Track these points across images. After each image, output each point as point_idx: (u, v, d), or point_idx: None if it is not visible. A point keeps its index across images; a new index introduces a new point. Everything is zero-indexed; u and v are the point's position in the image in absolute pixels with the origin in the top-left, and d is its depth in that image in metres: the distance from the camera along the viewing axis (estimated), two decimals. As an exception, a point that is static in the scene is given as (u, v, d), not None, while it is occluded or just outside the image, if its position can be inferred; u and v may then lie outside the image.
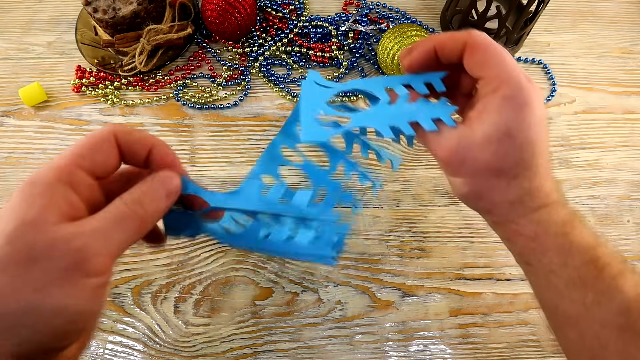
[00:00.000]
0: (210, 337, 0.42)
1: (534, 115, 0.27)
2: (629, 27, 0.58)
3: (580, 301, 0.27)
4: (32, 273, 0.20)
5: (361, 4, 0.58)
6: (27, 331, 0.20)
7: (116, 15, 0.49)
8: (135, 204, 0.23)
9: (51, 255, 0.20)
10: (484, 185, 0.29)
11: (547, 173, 0.29)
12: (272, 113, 0.52)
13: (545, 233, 0.28)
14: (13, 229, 0.20)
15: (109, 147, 0.25)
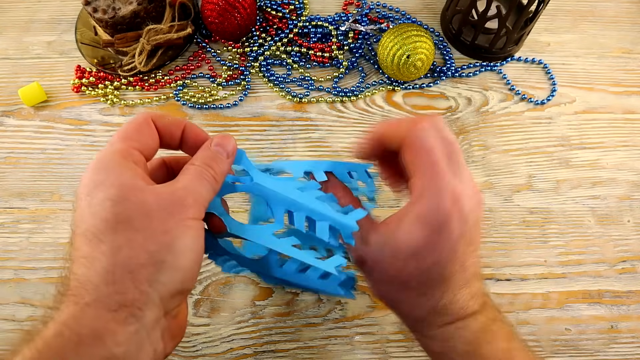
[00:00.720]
0: (210, 337, 0.42)
1: (449, 239, 0.25)
2: (629, 27, 0.58)
3: None
4: (154, 221, 0.23)
5: (361, 3, 0.58)
6: (168, 269, 0.23)
7: (116, 15, 0.49)
8: (205, 165, 0.27)
9: (163, 206, 0.23)
10: (392, 296, 0.29)
11: (465, 283, 0.27)
12: (272, 113, 0.52)
13: (452, 351, 0.27)
14: (119, 192, 0.23)
15: (150, 129, 0.27)
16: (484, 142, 0.51)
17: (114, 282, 0.22)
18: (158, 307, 0.23)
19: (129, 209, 0.23)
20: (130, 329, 0.22)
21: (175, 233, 0.23)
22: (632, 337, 0.43)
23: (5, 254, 0.45)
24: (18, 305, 0.43)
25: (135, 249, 0.23)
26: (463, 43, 0.55)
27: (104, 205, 0.23)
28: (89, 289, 0.22)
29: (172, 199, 0.24)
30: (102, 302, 0.22)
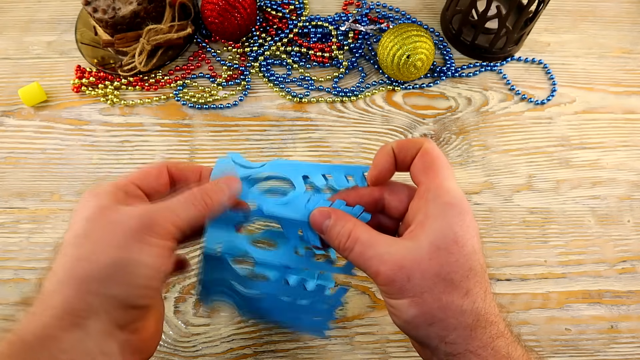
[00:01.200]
0: (210, 338, 0.42)
1: (474, 227, 0.26)
2: (629, 27, 0.58)
3: None
4: (115, 236, 0.24)
5: (361, 3, 0.58)
6: (117, 284, 0.24)
7: (116, 15, 0.49)
8: (203, 192, 0.28)
9: (127, 222, 0.25)
10: (435, 304, 0.25)
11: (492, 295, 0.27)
12: (272, 113, 0.52)
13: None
14: (92, 212, 0.25)
15: (159, 174, 0.30)
16: (484, 142, 0.51)
17: (61, 292, 0.24)
18: (105, 317, 0.24)
19: (95, 225, 0.25)
20: (73, 337, 0.23)
21: (131, 249, 0.24)
22: (632, 337, 0.43)
23: (6, 254, 0.45)
24: (18, 305, 0.43)
25: (89, 260, 0.24)
26: (463, 43, 0.55)
27: (79, 224, 0.25)
28: (42, 301, 0.24)
29: (140, 217, 0.25)
30: (50, 311, 0.24)
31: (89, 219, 0.25)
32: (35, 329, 0.23)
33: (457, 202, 0.26)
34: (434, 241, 0.25)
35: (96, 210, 0.26)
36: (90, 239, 0.25)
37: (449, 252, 0.25)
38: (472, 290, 0.25)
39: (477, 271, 0.25)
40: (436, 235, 0.25)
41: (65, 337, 0.23)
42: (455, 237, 0.25)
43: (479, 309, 0.25)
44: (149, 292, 0.26)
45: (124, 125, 0.51)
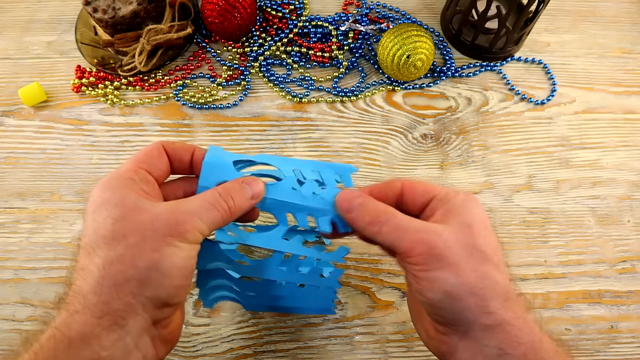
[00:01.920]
0: (210, 337, 0.42)
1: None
2: (629, 27, 0.58)
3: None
4: (147, 240, 0.25)
5: (361, 3, 0.58)
6: (153, 285, 0.25)
7: (116, 15, 0.49)
8: (226, 195, 0.29)
9: (158, 227, 0.26)
10: (474, 273, 0.26)
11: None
12: (272, 113, 0.52)
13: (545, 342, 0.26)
14: (120, 212, 0.26)
15: (160, 154, 0.30)
16: (484, 142, 0.51)
17: (101, 293, 0.25)
18: (142, 317, 0.26)
19: (125, 227, 0.26)
20: (114, 335, 0.25)
21: (164, 252, 0.25)
22: (632, 337, 0.43)
23: (5, 254, 0.45)
24: (18, 305, 0.43)
25: (125, 264, 0.25)
26: (463, 43, 0.55)
27: (106, 223, 0.26)
28: (79, 298, 0.25)
29: (168, 221, 0.26)
30: (89, 310, 0.24)
31: (118, 220, 0.26)
32: (77, 327, 0.24)
33: (473, 197, 0.29)
34: (464, 222, 0.27)
35: (123, 210, 0.26)
36: (123, 242, 0.25)
37: (479, 230, 0.27)
38: (502, 265, 0.27)
39: (501, 252, 0.28)
40: (464, 219, 0.28)
41: (106, 336, 0.24)
42: (481, 220, 0.28)
43: (509, 284, 0.27)
44: (181, 291, 0.27)
45: (124, 125, 0.51)
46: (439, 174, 0.49)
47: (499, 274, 0.27)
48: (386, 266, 0.45)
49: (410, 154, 0.50)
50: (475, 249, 0.27)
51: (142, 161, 0.29)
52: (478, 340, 0.26)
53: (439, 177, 0.49)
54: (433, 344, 0.30)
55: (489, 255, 0.27)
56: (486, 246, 0.27)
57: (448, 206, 0.29)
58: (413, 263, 0.27)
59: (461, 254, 0.26)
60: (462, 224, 0.28)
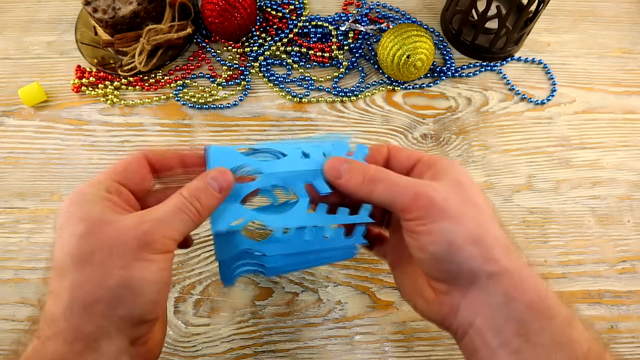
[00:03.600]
0: (210, 338, 0.42)
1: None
2: (629, 27, 0.58)
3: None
4: (114, 256, 0.24)
5: (361, 3, 0.58)
6: (125, 304, 0.24)
7: (116, 15, 0.49)
8: (192, 198, 0.27)
9: (125, 240, 0.24)
10: (474, 223, 0.26)
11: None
12: (272, 113, 0.52)
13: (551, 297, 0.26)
14: (85, 228, 0.24)
15: (139, 165, 0.29)
16: (484, 142, 0.51)
17: (71, 317, 0.23)
18: (117, 338, 0.24)
19: (91, 244, 0.24)
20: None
21: (133, 268, 0.24)
22: (632, 337, 0.43)
23: (5, 254, 0.45)
24: (18, 305, 0.43)
25: (93, 284, 0.24)
26: (463, 43, 0.55)
27: (71, 241, 0.24)
28: (50, 324, 0.24)
29: (136, 233, 0.25)
30: (61, 336, 0.23)
31: (83, 236, 0.24)
32: (49, 355, 0.23)
33: (457, 162, 0.30)
34: (454, 179, 0.28)
35: (88, 225, 0.24)
36: (90, 262, 0.24)
37: (470, 186, 0.28)
38: (496, 219, 0.27)
39: (494, 209, 0.28)
40: (454, 176, 0.28)
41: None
42: (469, 179, 0.28)
43: (508, 237, 0.27)
44: (157, 306, 0.26)
45: (124, 125, 0.51)
46: (439, 174, 0.49)
47: (497, 226, 0.27)
48: (386, 266, 0.45)
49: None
50: (471, 202, 0.27)
51: (117, 172, 0.28)
52: (483, 290, 0.26)
53: (439, 177, 0.49)
54: (433, 309, 0.29)
55: (482, 207, 0.27)
56: (478, 198, 0.28)
57: (436, 168, 0.29)
58: (412, 219, 0.27)
59: (460, 205, 0.27)
60: (453, 181, 0.28)
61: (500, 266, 0.26)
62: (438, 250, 0.26)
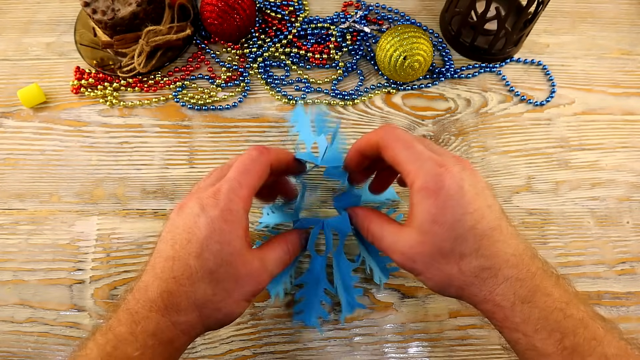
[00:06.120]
0: (209, 339, 0.42)
1: (452, 196, 0.28)
2: (628, 28, 0.58)
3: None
4: (236, 292, 0.30)
5: (360, 5, 0.58)
6: (213, 320, 0.30)
7: (115, 17, 0.49)
8: (292, 252, 0.35)
9: (247, 283, 0.30)
10: (441, 274, 0.29)
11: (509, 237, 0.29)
12: (271, 114, 0.52)
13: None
14: (227, 254, 0.29)
15: (266, 173, 0.32)
16: (483, 144, 0.51)
17: (171, 304, 0.29)
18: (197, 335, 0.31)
19: (228, 272, 0.29)
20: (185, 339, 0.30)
21: (241, 307, 0.31)
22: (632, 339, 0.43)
23: (4, 255, 0.45)
24: (17, 307, 0.43)
25: (213, 309, 0.30)
26: (462, 44, 0.55)
27: (211, 260, 0.29)
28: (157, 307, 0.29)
29: (256, 282, 0.31)
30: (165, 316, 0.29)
31: (222, 264, 0.29)
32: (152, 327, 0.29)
33: (426, 183, 0.28)
34: (419, 227, 0.29)
35: (230, 252, 0.29)
36: (220, 285, 0.29)
37: (432, 232, 0.29)
38: (465, 253, 0.28)
39: (466, 235, 0.28)
40: (419, 222, 0.29)
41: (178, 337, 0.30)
42: (433, 218, 0.28)
43: (478, 264, 0.28)
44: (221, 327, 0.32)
45: (123, 127, 0.51)
46: (438, 175, 0.49)
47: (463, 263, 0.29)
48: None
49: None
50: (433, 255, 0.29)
51: (256, 187, 0.31)
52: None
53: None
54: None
55: (446, 252, 0.29)
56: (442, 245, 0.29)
57: (411, 199, 0.30)
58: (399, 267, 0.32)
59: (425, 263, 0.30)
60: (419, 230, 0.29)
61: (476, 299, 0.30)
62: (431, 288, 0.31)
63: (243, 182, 0.30)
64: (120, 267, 0.44)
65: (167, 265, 0.29)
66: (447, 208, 0.28)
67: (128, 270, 0.44)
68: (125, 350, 0.27)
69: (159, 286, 0.29)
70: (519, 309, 0.28)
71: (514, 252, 0.28)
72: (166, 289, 0.28)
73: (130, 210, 0.47)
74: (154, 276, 0.29)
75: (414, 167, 0.29)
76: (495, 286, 0.28)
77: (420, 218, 0.29)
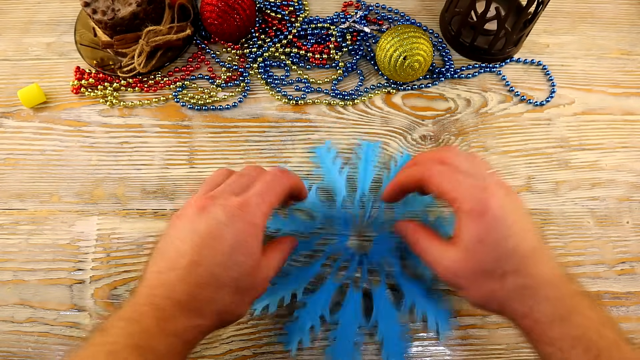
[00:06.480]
0: (209, 339, 0.42)
1: (496, 219, 0.31)
2: (628, 28, 0.58)
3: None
4: (249, 297, 0.33)
5: (360, 5, 0.58)
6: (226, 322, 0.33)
7: (115, 17, 0.49)
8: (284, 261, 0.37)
9: (258, 289, 0.34)
10: (481, 292, 0.32)
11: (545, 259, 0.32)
12: (271, 114, 0.52)
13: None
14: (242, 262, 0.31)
15: (286, 194, 0.35)
16: (483, 144, 0.51)
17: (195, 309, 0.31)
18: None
19: (247, 282, 0.32)
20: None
21: (245, 307, 0.33)
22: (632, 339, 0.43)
23: (4, 255, 0.45)
24: (17, 307, 0.43)
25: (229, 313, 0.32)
26: (462, 44, 0.55)
27: (238, 271, 0.31)
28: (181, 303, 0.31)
29: (263, 287, 0.34)
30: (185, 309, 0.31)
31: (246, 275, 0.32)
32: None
33: (472, 207, 0.31)
34: (466, 246, 0.32)
35: (253, 264, 0.32)
36: (239, 292, 0.32)
37: (477, 251, 0.31)
38: (508, 271, 0.31)
39: (509, 255, 0.31)
40: (466, 241, 0.32)
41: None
42: (478, 238, 0.31)
43: (520, 283, 0.31)
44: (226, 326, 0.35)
45: (123, 127, 0.51)
46: (438, 175, 0.49)
47: (505, 282, 0.32)
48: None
49: (409, 155, 0.50)
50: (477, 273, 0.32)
51: (275, 206, 0.34)
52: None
53: (438, 179, 0.49)
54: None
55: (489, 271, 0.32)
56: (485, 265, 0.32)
57: (458, 222, 0.32)
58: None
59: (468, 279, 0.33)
60: (466, 249, 0.32)
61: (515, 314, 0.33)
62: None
63: (267, 199, 0.33)
64: (121, 267, 0.44)
65: (193, 270, 0.30)
66: (492, 229, 0.31)
67: (128, 270, 0.44)
68: (152, 344, 0.29)
69: (184, 290, 0.30)
70: (557, 326, 0.30)
71: (553, 273, 0.31)
72: (192, 294, 0.30)
73: (131, 210, 0.47)
74: (177, 278, 0.30)
75: (459, 195, 0.32)
76: (536, 304, 0.31)
77: (467, 238, 0.31)
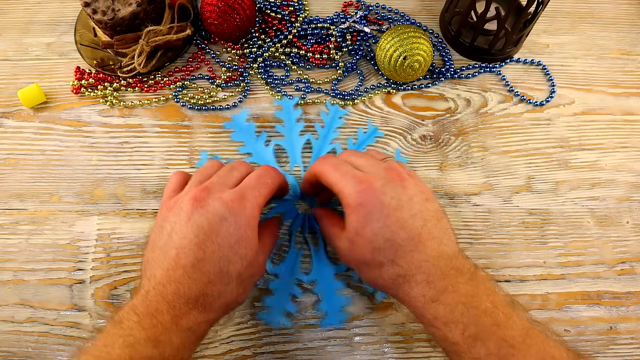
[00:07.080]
0: (209, 339, 0.42)
1: (370, 212, 0.32)
2: (628, 28, 0.58)
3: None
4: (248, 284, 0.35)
5: (360, 5, 0.58)
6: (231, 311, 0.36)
7: (115, 17, 0.49)
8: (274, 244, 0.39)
9: (257, 276, 0.36)
10: (368, 276, 0.35)
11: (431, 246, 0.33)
12: (271, 114, 0.52)
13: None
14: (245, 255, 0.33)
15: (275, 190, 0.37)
16: (483, 144, 0.51)
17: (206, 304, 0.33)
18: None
19: (247, 273, 0.34)
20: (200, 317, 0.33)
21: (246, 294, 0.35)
22: (631, 339, 0.43)
23: (5, 255, 0.45)
24: (17, 307, 0.43)
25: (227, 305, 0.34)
26: (462, 44, 0.55)
27: (241, 263, 0.33)
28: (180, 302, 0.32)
29: (261, 273, 0.36)
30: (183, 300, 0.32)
31: (247, 266, 0.33)
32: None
33: (348, 201, 0.33)
34: (348, 237, 0.34)
35: (251, 254, 0.33)
36: (243, 283, 0.34)
37: (356, 242, 0.33)
38: (384, 262, 0.33)
39: (383, 247, 0.33)
40: (348, 232, 0.34)
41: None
42: (355, 231, 0.33)
43: (395, 272, 0.33)
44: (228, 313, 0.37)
45: (123, 127, 0.51)
46: (438, 175, 0.49)
47: (383, 270, 0.34)
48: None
49: (409, 155, 0.50)
50: (359, 261, 0.35)
51: (267, 200, 0.35)
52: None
53: (438, 179, 0.49)
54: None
55: (368, 262, 0.34)
56: (363, 256, 0.34)
57: (344, 211, 0.34)
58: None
59: (356, 266, 0.36)
60: (348, 240, 0.34)
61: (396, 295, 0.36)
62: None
63: (262, 191, 0.34)
64: (121, 267, 0.44)
65: (200, 267, 0.31)
66: (367, 222, 0.32)
67: (128, 270, 0.44)
68: (170, 338, 0.30)
69: (195, 288, 0.31)
70: (430, 307, 0.32)
71: (426, 259, 0.32)
72: (202, 291, 0.32)
73: (131, 210, 0.47)
74: (186, 275, 0.31)
75: (341, 187, 0.33)
76: (409, 290, 0.33)
77: (349, 229, 0.33)
